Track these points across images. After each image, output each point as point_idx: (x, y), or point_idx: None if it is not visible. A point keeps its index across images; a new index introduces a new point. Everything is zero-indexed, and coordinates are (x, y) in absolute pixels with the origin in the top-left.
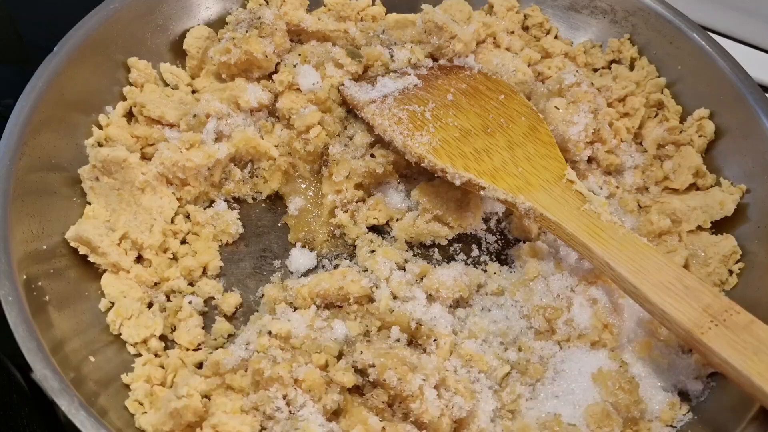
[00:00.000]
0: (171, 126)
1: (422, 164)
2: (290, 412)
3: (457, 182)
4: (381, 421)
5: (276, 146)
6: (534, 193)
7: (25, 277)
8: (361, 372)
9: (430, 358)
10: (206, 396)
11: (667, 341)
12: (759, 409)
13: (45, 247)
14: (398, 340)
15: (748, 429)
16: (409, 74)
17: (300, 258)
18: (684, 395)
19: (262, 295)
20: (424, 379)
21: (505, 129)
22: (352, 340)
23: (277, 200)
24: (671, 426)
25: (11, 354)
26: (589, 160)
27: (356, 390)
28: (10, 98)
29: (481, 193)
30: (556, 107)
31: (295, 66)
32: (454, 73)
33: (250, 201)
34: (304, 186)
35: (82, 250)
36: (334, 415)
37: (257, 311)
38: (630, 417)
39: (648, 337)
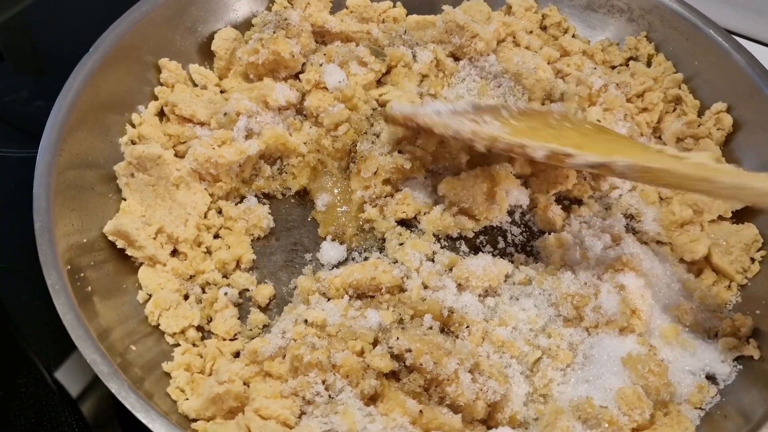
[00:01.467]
0: (202, 124)
1: (496, 147)
2: (329, 396)
3: (540, 154)
4: (418, 404)
5: (305, 143)
6: (628, 152)
7: (69, 267)
8: (397, 357)
9: (464, 343)
10: (245, 383)
11: (693, 326)
12: None
13: (85, 240)
14: (431, 328)
15: None
16: (461, 104)
17: (331, 251)
18: (711, 378)
19: (295, 287)
20: (458, 363)
21: (574, 127)
22: (386, 328)
23: (305, 196)
24: (700, 408)
25: (38, 353)
26: None
27: (392, 375)
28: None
29: (569, 162)
30: (598, 120)
31: (321, 65)
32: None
33: (279, 197)
34: (331, 183)
35: (119, 244)
36: (371, 399)
37: (290, 302)
38: (660, 400)
39: (674, 323)
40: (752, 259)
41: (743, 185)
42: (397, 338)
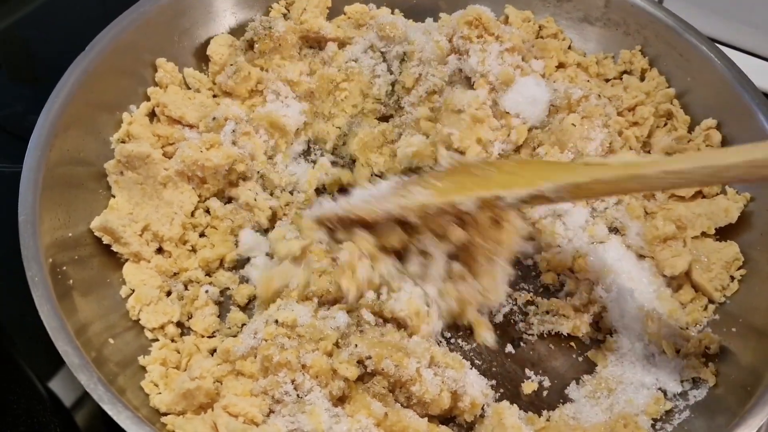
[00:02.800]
0: (191, 127)
1: (427, 214)
2: (298, 396)
3: (471, 206)
4: (383, 407)
5: None
6: (555, 176)
7: (51, 261)
8: (359, 362)
9: (418, 341)
10: (218, 381)
11: (654, 337)
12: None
13: (71, 235)
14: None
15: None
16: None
17: None
18: (683, 395)
19: None
20: (418, 362)
21: (498, 168)
22: (345, 333)
23: None
24: (658, 419)
25: (31, 363)
26: None
27: (359, 377)
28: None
29: (501, 203)
30: (573, 124)
31: None
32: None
33: None
34: None
35: (105, 240)
36: (340, 401)
37: None
38: None
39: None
40: (732, 278)
41: (671, 169)
42: (356, 345)
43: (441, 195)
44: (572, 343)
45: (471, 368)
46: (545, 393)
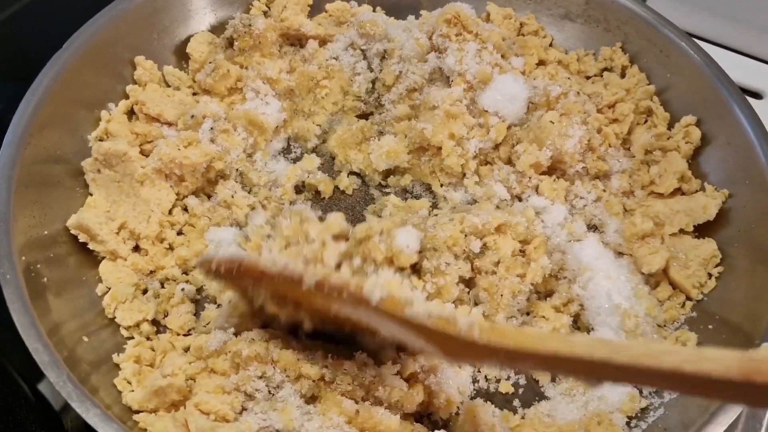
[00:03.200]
0: (169, 124)
1: (327, 284)
2: (269, 392)
3: (376, 297)
4: (354, 404)
5: None
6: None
7: (24, 259)
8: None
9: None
10: (191, 379)
11: (631, 335)
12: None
13: (46, 233)
14: None
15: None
16: None
17: None
18: (657, 392)
19: None
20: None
21: None
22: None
23: None
24: (635, 418)
25: (19, 367)
26: None
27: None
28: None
29: (405, 311)
30: (551, 122)
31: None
32: None
33: None
34: None
35: (82, 238)
36: (312, 399)
37: None
38: None
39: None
40: (709, 275)
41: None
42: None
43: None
44: None
45: (448, 366)
46: (521, 391)
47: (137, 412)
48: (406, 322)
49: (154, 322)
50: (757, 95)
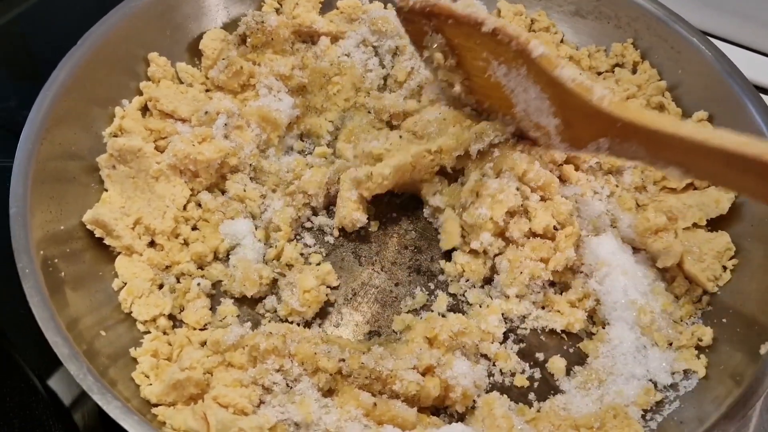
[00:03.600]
0: (183, 121)
1: (503, 32)
2: (287, 385)
3: (539, 51)
4: (372, 397)
5: None
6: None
7: (42, 253)
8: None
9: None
10: (209, 372)
11: (647, 331)
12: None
13: (63, 228)
14: None
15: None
16: None
17: None
18: (673, 386)
19: None
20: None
21: None
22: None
23: None
24: (651, 411)
25: (31, 362)
26: None
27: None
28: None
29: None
30: None
31: None
32: None
33: None
34: None
35: (98, 233)
36: (329, 392)
37: None
38: None
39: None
40: (724, 268)
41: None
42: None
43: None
44: (564, 335)
45: (463, 359)
46: (536, 384)
47: (155, 405)
48: (551, 83)
49: (171, 317)
50: None
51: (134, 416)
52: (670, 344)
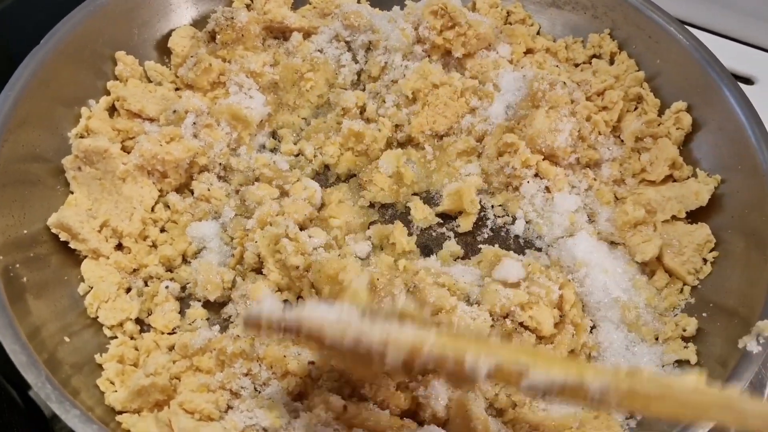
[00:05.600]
0: (151, 120)
1: (418, 361)
2: (255, 389)
3: (483, 371)
4: (341, 399)
5: None
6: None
7: (1, 259)
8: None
9: None
10: (176, 378)
11: (634, 327)
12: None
13: (26, 233)
14: None
15: None
16: None
17: None
18: None
19: None
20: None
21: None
22: None
23: None
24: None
25: (8, 374)
26: None
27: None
28: None
29: (521, 383)
30: (539, 120)
31: None
32: None
33: None
34: None
35: (63, 237)
36: (299, 396)
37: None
38: None
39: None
40: (704, 260)
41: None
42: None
43: (450, 339)
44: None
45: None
46: None
47: (120, 412)
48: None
49: (138, 321)
50: (748, 81)
51: (94, 425)
52: (657, 338)
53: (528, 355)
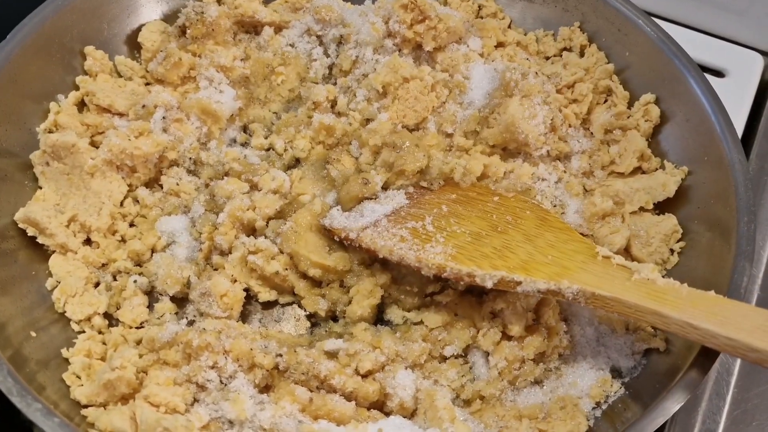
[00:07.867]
0: (120, 115)
1: (443, 275)
2: (222, 382)
3: (489, 284)
4: (308, 392)
5: None
6: (576, 275)
7: None
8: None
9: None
10: (143, 372)
11: (604, 318)
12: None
13: None
14: None
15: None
16: (394, 197)
17: None
18: (617, 372)
19: None
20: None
21: (516, 225)
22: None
23: None
24: (602, 402)
25: None
26: None
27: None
28: None
29: (518, 289)
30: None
31: None
32: (439, 189)
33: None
34: None
35: (30, 232)
36: (266, 389)
37: None
38: None
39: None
40: (671, 251)
41: (693, 324)
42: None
43: (459, 262)
44: None
45: (406, 369)
46: None
47: (86, 406)
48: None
49: (107, 316)
50: (719, 74)
51: (56, 418)
52: (627, 328)
53: (520, 265)
